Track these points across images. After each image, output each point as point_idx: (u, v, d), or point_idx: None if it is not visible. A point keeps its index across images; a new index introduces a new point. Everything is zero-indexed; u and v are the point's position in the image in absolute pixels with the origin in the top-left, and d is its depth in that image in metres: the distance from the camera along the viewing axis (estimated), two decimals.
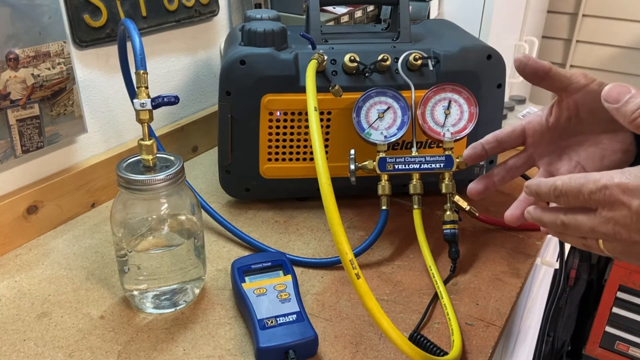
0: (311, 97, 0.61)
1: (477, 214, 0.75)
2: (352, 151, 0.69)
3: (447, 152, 0.70)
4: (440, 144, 0.71)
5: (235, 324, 0.60)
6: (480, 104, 0.73)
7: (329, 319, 0.61)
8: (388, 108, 0.71)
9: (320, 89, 0.70)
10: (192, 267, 0.62)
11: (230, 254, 0.72)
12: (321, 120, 0.74)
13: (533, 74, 0.48)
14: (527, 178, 0.89)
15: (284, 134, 0.75)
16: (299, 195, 0.83)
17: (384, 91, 0.70)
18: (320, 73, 0.72)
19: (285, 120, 0.74)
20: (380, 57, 0.71)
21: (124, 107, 0.86)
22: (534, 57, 0.48)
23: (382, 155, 0.69)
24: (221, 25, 1.00)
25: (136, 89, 0.58)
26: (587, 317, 1.92)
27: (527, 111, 1.11)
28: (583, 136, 0.49)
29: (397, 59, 0.73)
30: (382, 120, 0.70)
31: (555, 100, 0.51)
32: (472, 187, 0.56)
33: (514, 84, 1.60)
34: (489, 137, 0.54)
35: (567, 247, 0.86)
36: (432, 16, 1.16)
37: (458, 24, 0.89)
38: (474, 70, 0.74)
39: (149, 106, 0.58)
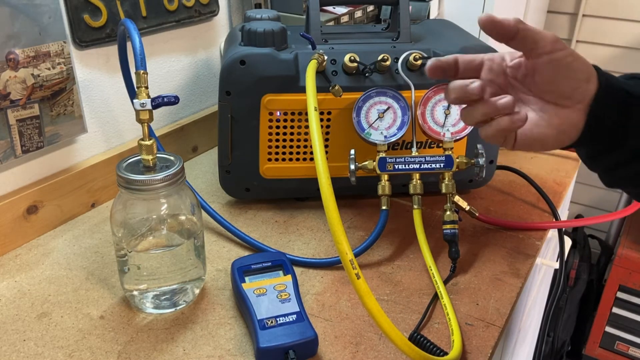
0: (311, 97, 0.61)
1: (477, 214, 0.75)
2: (352, 151, 0.69)
3: (447, 152, 0.70)
4: (440, 144, 0.71)
5: (235, 324, 0.60)
6: None
7: (329, 319, 0.61)
8: (388, 108, 0.71)
9: (320, 89, 0.70)
10: (192, 267, 0.62)
11: (230, 254, 0.72)
12: (321, 120, 0.74)
13: (500, 35, 0.47)
14: (524, 175, 0.89)
15: (284, 134, 0.75)
16: (299, 195, 0.83)
17: (384, 91, 0.70)
18: (320, 73, 0.72)
19: (285, 120, 0.74)
20: (380, 57, 0.71)
21: (124, 107, 0.86)
22: (498, 17, 0.47)
23: (382, 155, 0.69)
24: (221, 25, 1.00)
25: (136, 89, 0.58)
26: (587, 317, 1.92)
27: None
28: (531, 97, 0.49)
29: (397, 59, 0.73)
30: (382, 120, 0.70)
31: (520, 55, 0.50)
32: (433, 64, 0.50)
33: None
34: (450, 57, 0.50)
35: (567, 247, 0.86)
36: (432, 16, 1.16)
37: (458, 24, 0.89)
38: None
39: (149, 106, 0.58)
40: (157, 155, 0.59)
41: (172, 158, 0.59)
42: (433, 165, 0.69)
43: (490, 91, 0.50)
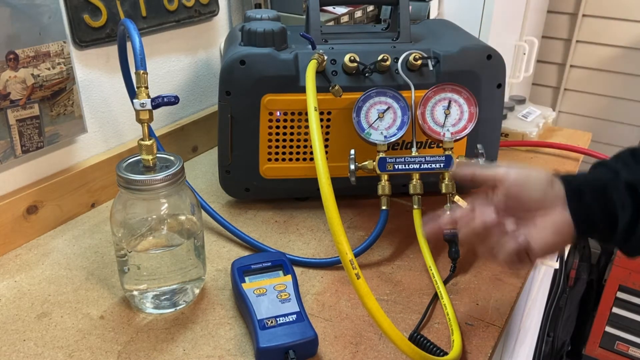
0: (311, 97, 0.61)
1: None
2: (352, 151, 0.69)
3: (447, 152, 0.70)
4: (440, 144, 0.71)
5: (235, 324, 0.60)
6: (480, 104, 0.73)
7: (329, 319, 0.61)
8: (388, 108, 0.71)
9: (320, 89, 0.70)
10: (192, 267, 0.62)
11: (230, 254, 0.72)
12: (321, 120, 0.74)
13: (463, 180, 0.56)
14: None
15: (284, 134, 0.75)
16: (299, 195, 0.83)
17: (384, 91, 0.70)
18: (320, 73, 0.72)
19: (285, 120, 0.74)
20: (380, 57, 0.71)
21: (124, 107, 0.86)
22: (461, 166, 0.57)
23: (382, 155, 0.69)
24: (221, 25, 1.00)
25: (136, 89, 0.58)
26: (587, 317, 1.92)
27: (527, 111, 1.11)
28: (522, 220, 0.52)
29: (397, 59, 0.73)
30: (382, 120, 0.70)
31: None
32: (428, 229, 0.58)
33: (514, 84, 1.60)
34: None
35: (567, 247, 0.86)
36: (432, 16, 1.16)
37: (458, 24, 0.89)
38: (474, 70, 0.74)
39: (149, 106, 0.58)
40: (157, 155, 0.59)
41: (172, 158, 0.59)
42: (433, 165, 0.69)
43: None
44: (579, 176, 0.53)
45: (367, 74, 0.73)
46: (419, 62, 0.72)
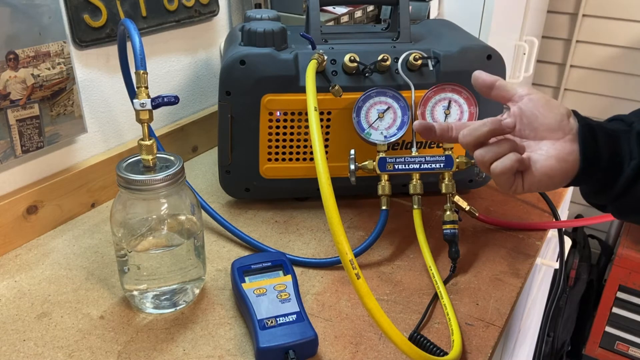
0: (311, 97, 0.61)
1: (477, 214, 0.75)
2: (352, 151, 0.69)
3: (447, 152, 0.70)
4: (440, 144, 0.71)
5: (235, 324, 0.60)
6: (480, 104, 0.73)
7: (329, 319, 0.61)
8: (388, 108, 0.71)
9: (320, 89, 0.70)
10: (192, 267, 0.62)
11: (230, 254, 0.72)
12: (321, 120, 0.74)
13: (482, 86, 0.56)
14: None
15: (284, 134, 0.75)
16: (299, 195, 0.83)
17: (384, 91, 0.70)
18: (320, 73, 0.72)
19: (285, 120, 0.74)
20: (380, 57, 0.71)
21: (124, 107, 0.86)
22: (485, 73, 0.56)
23: (382, 155, 0.69)
24: (221, 25, 1.00)
25: (136, 89, 0.58)
26: (587, 317, 1.92)
27: None
28: (526, 142, 0.54)
29: (397, 59, 0.73)
30: (382, 120, 0.70)
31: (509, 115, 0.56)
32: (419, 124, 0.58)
33: (514, 84, 1.60)
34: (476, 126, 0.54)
35: (567, 247, 0.86)
36: (432, 16, 1.16)
37: (458, 24, 0.89)
38: (474, 70, 0.74)
39: (149, 106, 0.58)
40: (157, 155, 0.59)
41: (172, 158, 0.59)
42: (433, 165, 0.69)
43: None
44: (595, 120, 0.53)
45: (367, 74, 0.73)
46: (419, 62, 0.72)
